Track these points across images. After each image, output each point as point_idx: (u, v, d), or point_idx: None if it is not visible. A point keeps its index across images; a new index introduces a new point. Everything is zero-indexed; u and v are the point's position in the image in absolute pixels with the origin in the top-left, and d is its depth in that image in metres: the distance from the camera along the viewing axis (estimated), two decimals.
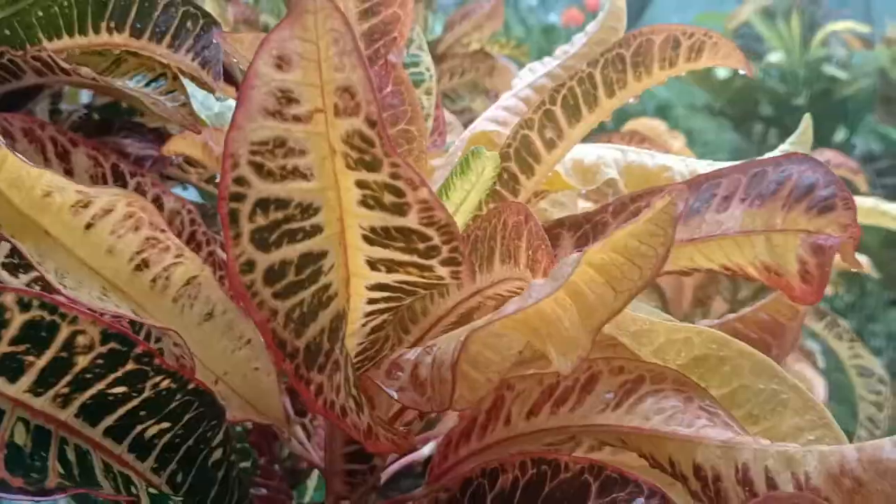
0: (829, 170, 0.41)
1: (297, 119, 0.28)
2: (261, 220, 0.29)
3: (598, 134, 0.73)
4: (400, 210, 0.30)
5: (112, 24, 0.61)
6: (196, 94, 0.65)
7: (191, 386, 0.42)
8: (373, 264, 0.35)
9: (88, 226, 0.44)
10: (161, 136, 0.76)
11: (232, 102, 0.65)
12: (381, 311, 0.41)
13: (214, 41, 0.59)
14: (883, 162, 3.87)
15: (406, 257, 0.34)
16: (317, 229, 0.31)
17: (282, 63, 0.26)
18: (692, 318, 1.15)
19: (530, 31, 5.39)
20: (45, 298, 0.36)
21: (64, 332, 0.37)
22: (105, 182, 0.57)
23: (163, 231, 0.47)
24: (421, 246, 0.33)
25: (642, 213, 0.30)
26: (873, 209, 1.09)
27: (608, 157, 0.60)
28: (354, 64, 0.26)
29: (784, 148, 0.69)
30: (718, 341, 0.45)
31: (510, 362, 0.41)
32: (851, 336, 1.16)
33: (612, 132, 1.10)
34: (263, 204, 0.29)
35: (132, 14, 0.61)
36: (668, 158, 0.61)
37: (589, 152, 0.60)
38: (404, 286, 0.37)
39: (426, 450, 0.59)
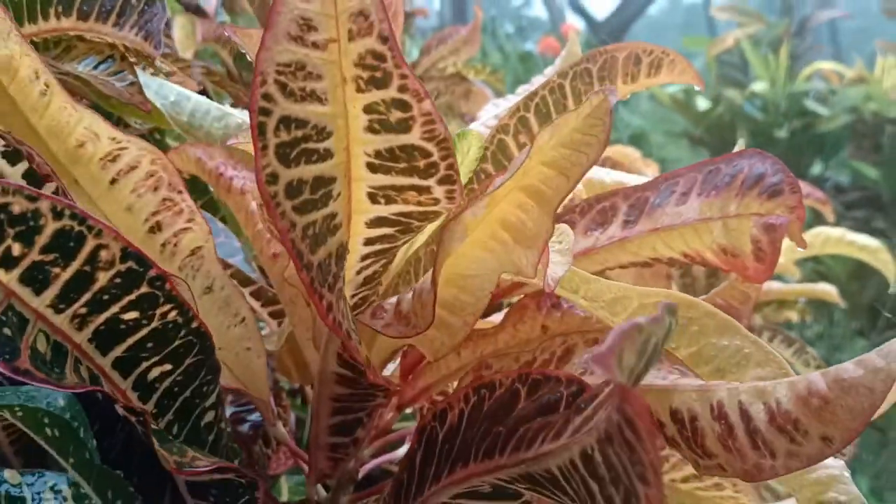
0: (776, 160, 0.46)
1: (315, 45, 0.32)
2: (284, 136, 0.33)
3: None
4: (405, 126, 0.34)
5: (60, 9, 0.63)
6: (150, 84, 0.66)
7: (194, 324, 0.44)
8: (373, 196, 0.39)
9: (113, 181, 0.47)
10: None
11: (188, 91, 0.66)
12: (376, 255, 0.45)
13: (157, 14, 0.62)
14: (853, 195, 3.94)
15: (406, 180, 0.37)
16: (328, 154, 0.35)
17: None
18: None
19: (507, 57, 5.46)
20: (75, 209, 0.38)
21: (90, 244, 0.38)
22: None
23: (179, 192, 0.50)
24: (421, 163, 0.36)
25: (580, 107, 0.34)
26: (841, 239, 1.13)
27: None
28: None
29: None
30: (686, 303, 0.48)
31: (483, 304, 0.44)
32: (818, 363, 1.19)
33: None
34: (286, 121, 0.33)
35: None
36: (622, 175, 0.69)
37: None
38: (401, 218, 0.41)
39: (402, 450, 0.60)
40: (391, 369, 0.56)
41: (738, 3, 4.85)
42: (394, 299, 0.46)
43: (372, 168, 0.37)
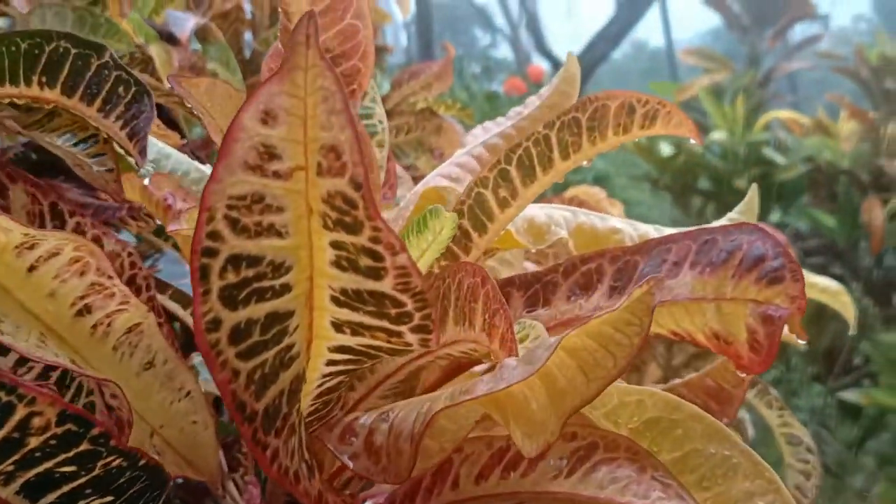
0: (777, 241, 0.42)
1: (277, 175, 0.27)
2: (231, 277, 0.28)
3: (538, 199, 0.75)
4: (376, 274, 0.30)
5: (44, 79, 0.60)
6: None
7: (142, 462, 0.41)
8: (338, 326, 0.35)
9: (31, 268, 0.43)
10: None
11: (168, 149, 0.64)
12: (339, 374, 0.40)
13: (145, 112, 0.58)
14: (811, 242, 3.99)
15: (375, 322, 0.33)
16: (286, 288, 0.31)
17: (267, 118, 0.26)
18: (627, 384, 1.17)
19: (474, 97, 5.48)
20: (4, 378, 0.35)
21: (19, 413, 0.36)
22: (42, 220, 0.55)
23: (109, 277, 0.46)
24: (393, 311, 0.32)
25: (620, 301, 0.29)
26: None
27: (558, 217, 0.61)
28: (343, 124, 0.25)
29: (732, 216, 0.70)
30: (671, 404, 0.46)
31: (466, 431, 0.40)
32: (780, 405, 1.18)
33: (552, 197, 1.12)
34: (235, 260, 0.28)
35: (65, 71, 0.60)
36: (617, 221, 0.63)
37: (540, 212, 0.61)
38: (368, 350, 0.36)
39: None
40: None
41: (705, 48, 4.91)
42: (366, 419, 0.41)
43: (337, 302, 0.32)
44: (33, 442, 0.36)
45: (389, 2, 1.59)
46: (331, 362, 0.38)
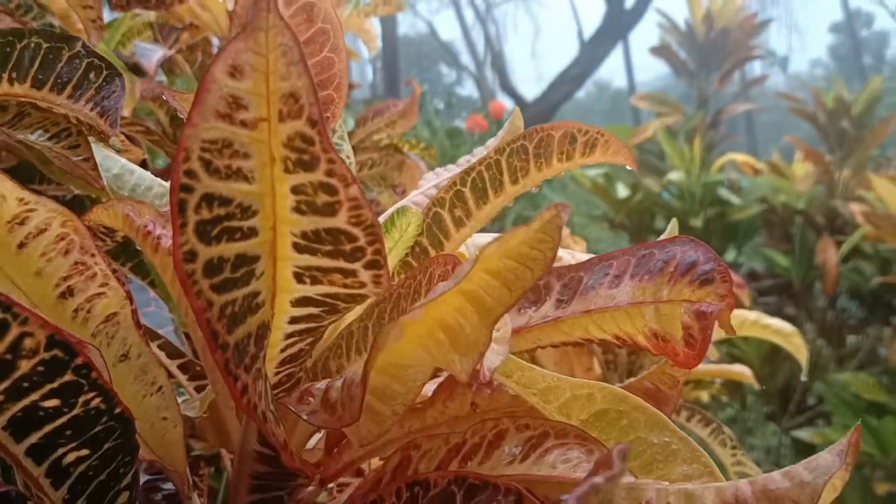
0: (708, 248, 0.47)
1: (243, 124, 0.31)
2: (205, 214, 0.32)
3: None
4: (331, 210, 0.34)
5: (14, 75, 0.62)
6: (96, 155, 0.64)
7: (117, 410, 0.42)
8: (299, 276, 0.38)
9: (21, 245, 0.45)
10: (81, 205, 0.77)
11: (132, 165, 0.65)
12: (301, 334, 0.44)
13: (116, 92, 0.60)
14: (766, 282, 4.05)
15: (332, 262, 0.37)
16: (252, 232, 0.34)
17: (234, 72, 0.30)
18: None
19: (435, 132, 5.54)
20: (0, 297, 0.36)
21: (13, 332, 0.37)
22: None
23: (92, 255, 0.48)
24: (348, 247, 0.36)
25: (532, 222, 0.34)
26: (756, 322, 1.16)
27: None
28: (300, 72, 0.30)
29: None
30: (618, 397, 0.50)
31: (415, 394, 0.43)
32: (734, 444, 1.21)
33: None
34: (209, 198, 0.32)
35: (35, 65, 0.61)
36: (562, 251, 0.68)
37: (488, 239, 0.65)
38: (327, 300, 0.40)
39: None
40: (317, 439, 0.55)
41: (657, 93, 5.01)
42: (322, 384, 0.45)
43: (298, 248, 0.36)
44: (24, 366, 0.37)
45: (357, 41, 1.62)
46: (293, 319, 0.42)
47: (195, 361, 0.65)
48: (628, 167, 0.66)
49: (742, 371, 1.23)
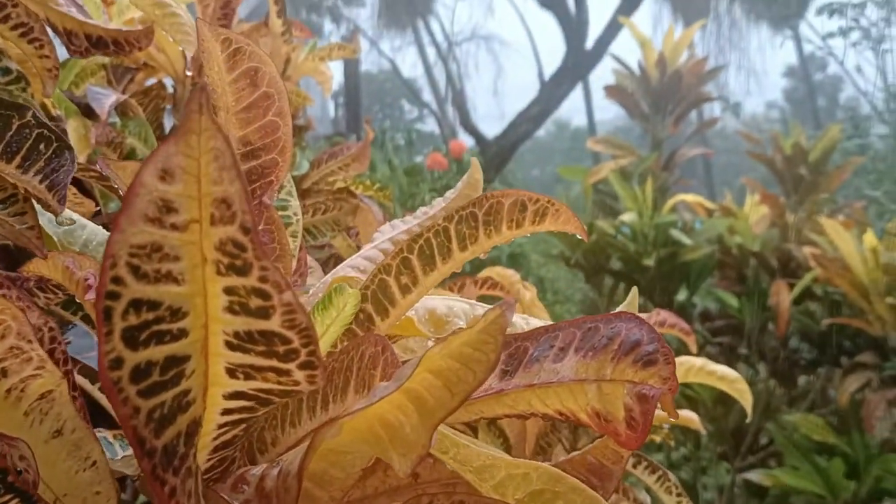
0: (652, 328, 0.47)
1: (174, 227, 0.30)
2: (133, 320, 0.31)
3: (454, 278, 0.79)
4: (265, 313, 0.33)
5: None
6: (44, 213, 0.64)
7: None
8: (232, 371, 0.37)
9: None
10: (10, 255, 0.75)
11: (83, 220, 0.65)
12: (235, 424, 0.42)
13: (65, 166, 0.60)
14: (719, 322, 4.09)
15: (265, 362, 0.36)
16: (183, 333, 0.33)
17: (165, 175, 0.29)
18: None
19: (394, 170, 5.56)
20: None
21: None
22: None
23: (29, 342, 0.47)
24: (281, 349, 0.34)
25: (475, 322, 0.33)
26: (702, 368, 1.18)
27: (458, 308, 0.66)
28: (233, 178, 0.29)
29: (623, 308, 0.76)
30: (554, 477, 0.49)
31: (353, 480, 0.43)
32: (679, 491, 1.22)
33: (467, 275, 1.15)
34: (137, 304, 0.31)
35: None
36: (516, 317, 0.67)
37: (440, 304, 0.66)
38: (260, 394, 0.39)
39: None
40: None
41: (611, 136, 5.08)
42: (257, 470, 0.44)
43: (231, 346, 0.35)
44: None
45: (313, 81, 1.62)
46: (226, 411, 0.41)
47: None
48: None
49: (690, 417, 1.24)
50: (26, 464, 0.45)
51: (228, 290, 0.33)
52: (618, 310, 0.75)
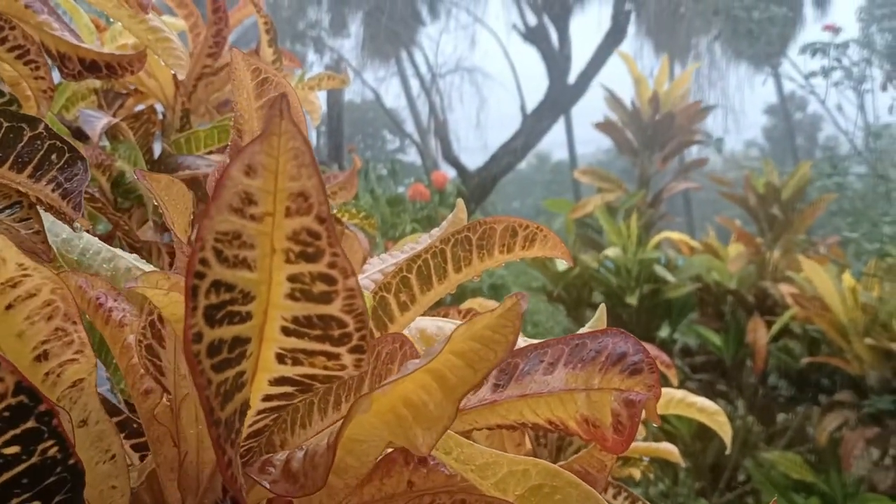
0: (637, 341, 0.50)
1: (252, 217, 0.34)
2: (213, 299, 0.34)
3: (437, 308, 0.84)
4: (327, 298, 0.36)
5: None
6: (44, 220, 0.66)
7: (71, 461, 0.41)
8: (281, 357, 0.40)
9: (9, 306, 0.47)
10: None
11: (85, 234, 0.66)
12: (270, 411, 0.45)
13: (79, 175, 0.62)
14: (699, 358, 4.12)
15: (318, 346, 0.39)
16: (249, 316, 0.37)
17: (249, 171, 0.33)
18: None
19: (377, 200, 5.58)
20: None
21: None
22: None
23: (74, 323, 0.49)
24: (336, 333, 0.38)
25: (496, 308, 0.37)
26: (682, 400, 1.20)
27: (447, 329, 0.71)
28: (311, 174, 0.33)
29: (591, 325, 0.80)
30: (551, 472, 0.52)
31: (367, 469, 0.47)
32: None
33: (451, 306, 1.18)
34: (217, 285, 0.34)
35: None
36: None
37: (430, 324, 0.71)
38: (305, 380, 0.42)
39: None
40: None
41: (599, 168, 5.12)
42: (282, 455, 0.47)
43: (286, 332, 0.39)
44: None
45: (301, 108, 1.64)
46: (267, 397, 0.44)
47: (133, 419, 0.65)
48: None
49: (669, 449, 1.26)
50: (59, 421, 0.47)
51: (292, 278, 0.36)
52: (587, 326, 0.79)
